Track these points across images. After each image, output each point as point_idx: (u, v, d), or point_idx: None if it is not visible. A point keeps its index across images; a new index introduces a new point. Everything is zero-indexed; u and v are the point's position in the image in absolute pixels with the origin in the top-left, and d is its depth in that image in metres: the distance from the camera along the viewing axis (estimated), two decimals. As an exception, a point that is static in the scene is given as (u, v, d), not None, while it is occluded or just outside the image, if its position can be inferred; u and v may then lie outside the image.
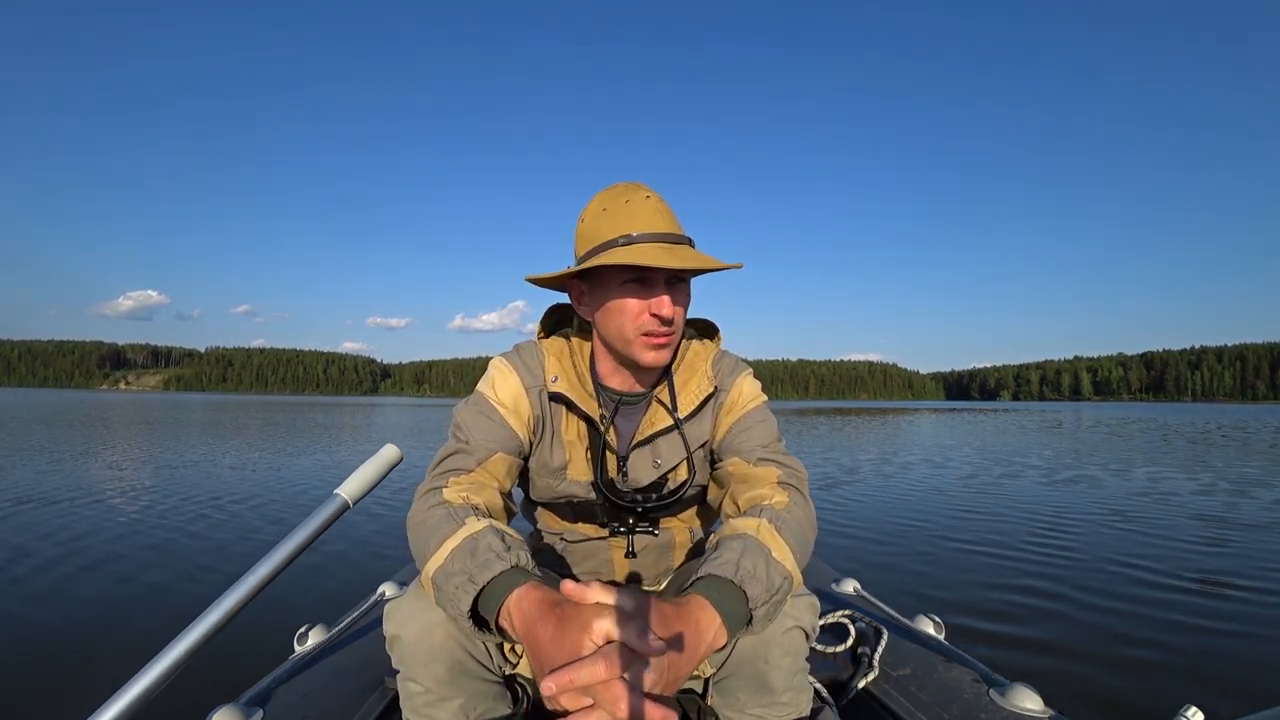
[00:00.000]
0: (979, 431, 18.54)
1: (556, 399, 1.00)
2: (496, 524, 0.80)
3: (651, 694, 0.60)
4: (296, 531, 1.01)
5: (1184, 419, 32.40)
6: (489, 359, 1.06)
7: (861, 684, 1.18)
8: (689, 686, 0.99)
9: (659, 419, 1.01)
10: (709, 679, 0.93)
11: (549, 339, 1.07)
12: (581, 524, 1.08)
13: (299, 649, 1.33)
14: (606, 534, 1.07)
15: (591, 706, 0.59)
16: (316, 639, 1.35)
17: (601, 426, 1.00)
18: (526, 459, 1.03)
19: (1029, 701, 1.05)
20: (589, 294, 0.98)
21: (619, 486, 1.03)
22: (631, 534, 1.05)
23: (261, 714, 1.03)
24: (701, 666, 0.92)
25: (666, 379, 1.04)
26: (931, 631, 1.39)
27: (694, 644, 0.65)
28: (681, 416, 1.01)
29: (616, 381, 1.02)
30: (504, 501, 0.94)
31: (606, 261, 0.88)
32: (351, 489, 1.07)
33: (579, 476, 1.02)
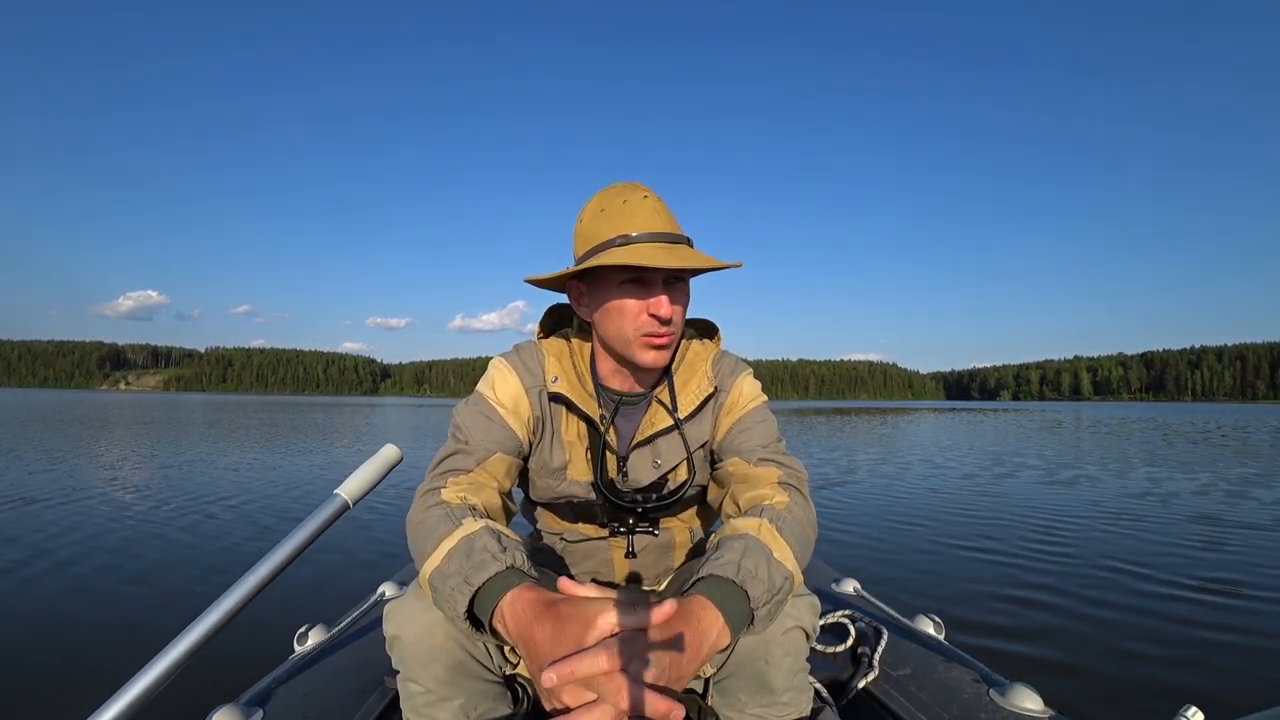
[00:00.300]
0: (979, 431, 18.53)
1: (556, 399, 1.00)
2: (493, 524, 0.80)
3: (656, 686, 0.59)
4: (296, 531, 1.01)
5: (1184, 419, 32.39)
6: (489, 359, 1.06)
7: (862, 684, 1.18)
8: (689, 686, 0.99)
9: (659, 419, 1.01)
10: (709, 679, 0.93)
11: (549, 339, 1.07)
12: (581, 524, 1.08)
13: (299, 649, 1.33)
14: (606, 534, 1.07)
15: (595, 701, 0.59)
16: (316, 639, 1.35)
17: (601, 427, 1.00)
18: (526, 459, 1.03)
19: (1029, 701, 1.05)
20: (588, 294, 0.98)
21: (619, 487, 1.03)
22: (631, 534, 1.05)
23: (261, 714, 1.03)
24: (702, 666, 0.92)
25: (666, 379, 1.03)
26: (931, 631, 1.39)
27: (697, 643, 0.65)
28: (682, 417, 1.00)
29: (616, 382, 1.02)
30: (503, 502, 0.94)
31: (604, 262, 0.88)
32: (351, 489, 1.06)
33: (579, 477, 1.02)
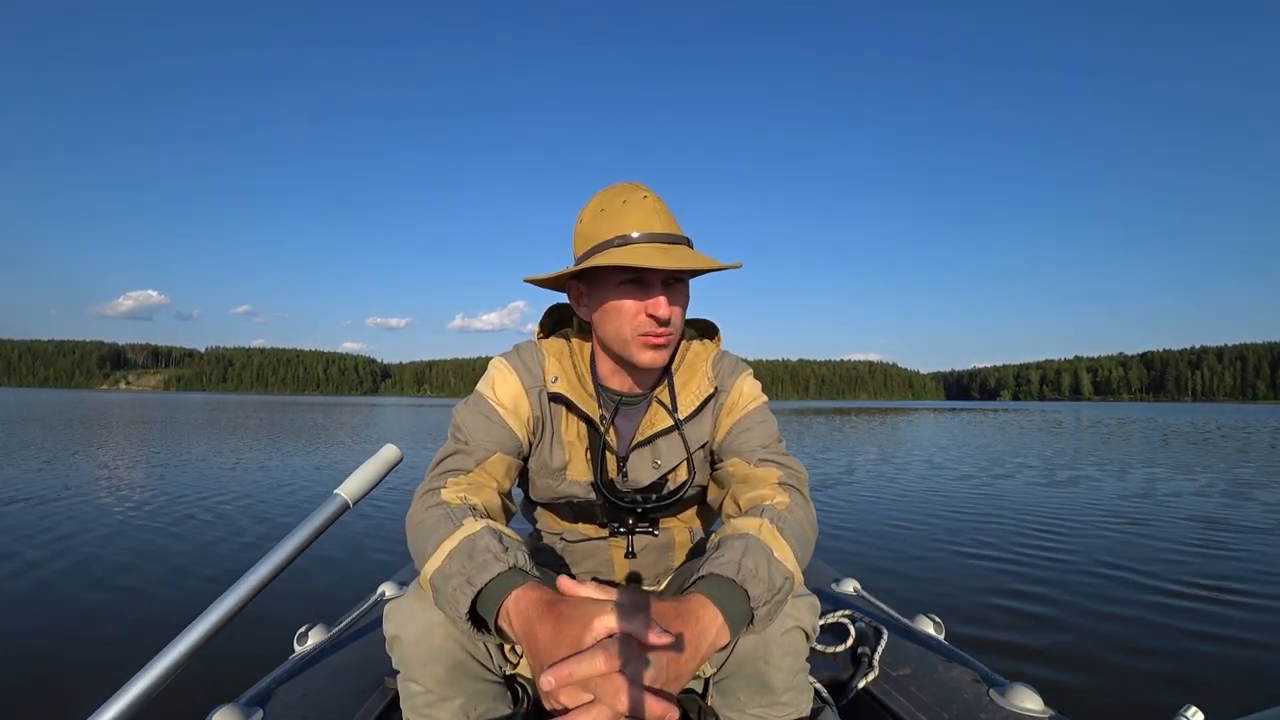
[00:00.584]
0: (979, 432, 18.53)
1: (556, 399, 1.00)
2: (494, 524, 0.80)
3: (652, 688, 0.59)
4: (296, 531, 1.01)
5: (1184, 419, 32.39)
6: (489, 359, 1.06)
7: (861, 684, 1.18)
8: (689, 686, 0.99)
9: (659, 419, 1.01)
10: (709, 679, 0.93)
11: (549, 339, 1.07)
12: (581, 524, 1.08)
13: (299, 649, 1.33)
14: (606, 534, 1.07)
15: (592, 702, 0.59)
16: (316, 639, 1.35)
17: (601, 427, 1.00)
18: (526, 459, 1.03)
19: (1029, 701, 1.05)
20: (587, 294, 0.98)
21: (619, 487, 1.03)
22: (631, 534, 1.05)
23: (261, 714, 1.03)
24: (702, 666, 0.92)
25: (666, 379, 1.03)
26: (931, 631, 1.39)
27: (696, 643, 0.65)
28: (682, 417, 1.00)
29: (616, 382, 1.02)
30: (503, 502, 0.94)
31: (603, 262, 0.88)
32: (351, 489, 1.06)
33: (579, 477, 1.02)
